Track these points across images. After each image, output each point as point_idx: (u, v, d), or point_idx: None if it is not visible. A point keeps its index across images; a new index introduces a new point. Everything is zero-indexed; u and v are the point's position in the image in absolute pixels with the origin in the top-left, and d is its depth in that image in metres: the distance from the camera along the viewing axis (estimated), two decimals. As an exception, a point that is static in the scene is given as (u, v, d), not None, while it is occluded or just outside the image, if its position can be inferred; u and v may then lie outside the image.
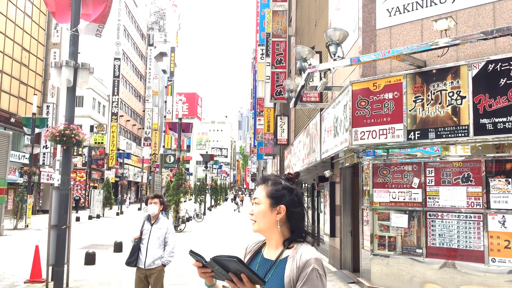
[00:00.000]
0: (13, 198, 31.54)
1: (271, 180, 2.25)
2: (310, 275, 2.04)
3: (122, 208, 43.86)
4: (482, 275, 7.71)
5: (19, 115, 33.39)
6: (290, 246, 2.19)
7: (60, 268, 9.21)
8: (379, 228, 9.11)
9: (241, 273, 1.91)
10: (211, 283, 2.11)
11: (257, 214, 2.19)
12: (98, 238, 19.85)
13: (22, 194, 24.67)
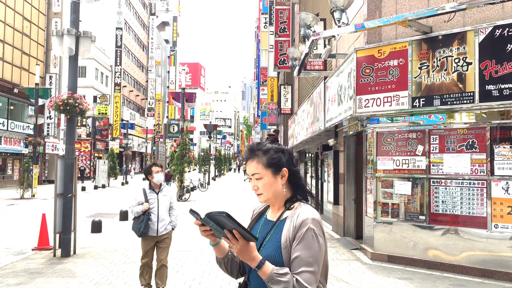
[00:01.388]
0: (19, 169, 31.86)
1: (260, 150, 2.23)
2: (305, 234, 2.05)
3: (127, 178, 44.20)
4: (485, 241, 7.78)
5: (22, 86, 33.33)
6: (291, 207, 2.20)
7: (67, 235, 9.36)
8: (383, 195, 9.15)
9: (233, 229, 1.92)
10: (215, 242, 2.13)
11: (263, 187, 2.18)
12: (104, 207, 20.07)
13: (27, 164, 24.84)
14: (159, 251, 6.49)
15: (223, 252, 2.20)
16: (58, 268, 8.20)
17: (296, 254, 2.04)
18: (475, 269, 7.78)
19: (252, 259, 1.97)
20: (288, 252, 2.08)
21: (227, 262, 2.24)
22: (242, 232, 1.92)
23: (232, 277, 2.31)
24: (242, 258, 1.98)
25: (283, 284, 1.96)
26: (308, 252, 2.04)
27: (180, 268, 8.09)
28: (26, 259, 8.99)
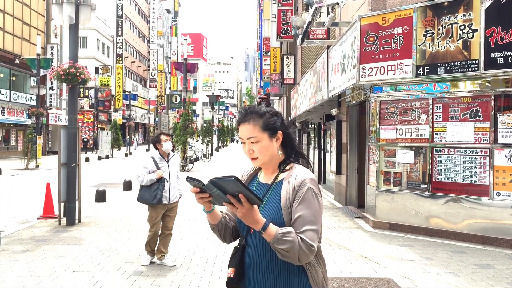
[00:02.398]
0: (23, 140, 31.96)
1: (255, 113, 2.20)
2: (305, 194, 2.08)
3: (130, 150, 44.35)
4: (486, 209, 7.82)
5: (23, 56, 33.12)
6: (286, 169, 2.22)
7: (72, 204, 9.45)
8: (385, 164, 9.17)
9: (239, 193, 1.92)
10: (210, 208, 2.14)
11: (260, 151, 2.17)
12: (108, 177, 20.20)
13: (31, 135, 24.90)
14: (168, 219, 6.54)
15: (216, 219, 2.21)
16: (64, 236, 8.31)
17: (298, 213, 2.07)
18: (476, 236, 7.85)
19: (257, 222, 1.99)
20: (289, 212, 2.10)
21: (221, 228, 2.25)
22: (249, 195, 1.92)
23: (225, 243, 2.33)
24: (246, 221, 1.99)
25: (289, 243, 1.99)
26: (309, 211, 2.07)
27: (184, 236, 8.18)
28: (31, 227, 9.10)
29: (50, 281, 5.71)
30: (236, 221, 2.32)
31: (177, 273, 6.10)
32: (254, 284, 2.16)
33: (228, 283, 2.18)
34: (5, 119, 32.97)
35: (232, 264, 2.19)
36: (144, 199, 6.35)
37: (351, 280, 5.79)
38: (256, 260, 2.16)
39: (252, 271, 2.17)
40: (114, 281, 5.74)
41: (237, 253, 2.20)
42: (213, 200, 2.05)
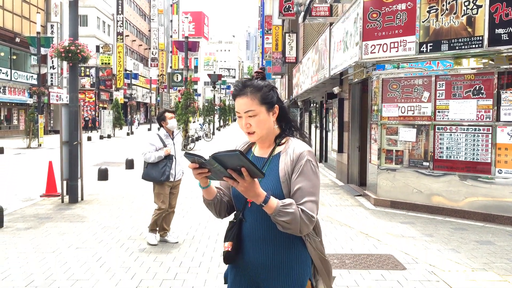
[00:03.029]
0: (24, 119, 31.95)
1: (253, 86, 2.19)
2: (304, 166, 2.11)
3: (132, 129, 44.37)
4: (488, 186, 7.83)
5: (23, 35, 32.92)
6: (281, 143, 2.23)
7: (74, 182, 9.49)
8: (387, 142, 9.15)
9: (241, 167, 1.92)
10: (206, 184, 2.14)
11: (258, 124, 2.16)
12: (110, 156, 20.25)
13: (32, 114, 24.88)
14: (171, 197, 6.55)
15: (212, 194, 2.21)
16: (67, 214, 8.36)
17: (298, 185, 2.09)
18: (477, 213, 7.87)
19: (258, 195, 1.99)
20: (288, 185, 2.12)
21: (217, 203, 2.26)
22: (253, 168, 1.91)
23: (219, 218, 2.33)
24: (247, 195, 1.99)
25: (291, 215, 2.01)
26: (309, 182, 2.09)
27: (186, 214, 8.23)
28: (34, 205, 9.16)
29: (54, 257, 5.76)
30: (230, 196, 2.33)
31: (180, 250, 6.15)
32: (253, 257, 2.18)
33: (226, 257, 2.18)
34: (7, 98, 32.92)
35: (229, 238, 2.20)
36: (152, 176, 6.29)
37: (352, 256, 5.84)
38: (254, 233, 2.17)
39: (250, 244, 2.18)
40: (117, 258, 5.79)
41: (234, 227, 2.21)
42: (212, 175, 2.04)
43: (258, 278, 2.21)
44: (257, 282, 2.24)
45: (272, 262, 2.15)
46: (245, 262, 2.21)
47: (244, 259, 2.20)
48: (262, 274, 2.19)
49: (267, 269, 2.17)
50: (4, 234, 6.93)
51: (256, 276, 2.21)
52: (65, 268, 5.37)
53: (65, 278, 5.04)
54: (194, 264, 5.54)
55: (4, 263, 5.54)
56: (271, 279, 2.17)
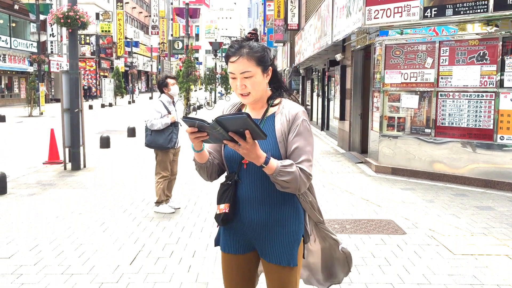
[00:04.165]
0: (25, 87, 31.84)
1: (249, 47, 2.16)
2: (300, 126, 2.15)
3: (133, 97, 44.24)
4: (489, 153, 7.83)
5: (22, 2, 32.48)
6: (274, 104, 2.24)
7: (76, 150, 9.52)
8: (389, 109, 9.11)
9: (244, 130, 1.91)
10: (201, 147, 2.14)
11: (254, 86, 2.15)
12: (112, 124, 20.26)
13: (33, 82, 24.78)
14: (173, 164, 6.52)
15: (205, 158, 2.21)
16: (69, 180, 8.42)
17: (295, 145, 2.13)
18: (478, 180, 7.90)
19: (259, 157, 2.00)
20: (284, 145, 2.15)
21: (209, 167, 2.26)
22: (257, 131, 1.90)
23: (208, 181, 2.33)
24: (248, 157, 2.00)
25: (291, 174, 2.05)
26: (305, 142, 2.14)
27: (188, 180, 8.27)
28: (37, 172, 9.21)
29: (58, 223, 5.82)
30: (221, 159, 2.33)
31: (182, 215, 6.20)
32: (249, 217, 2.21)
33: (223, 219, 2.19)
34: (7, 66, 32.73)
35: (225, 200, 2.20)
36: (158, 143, 6.20)
37: (353, 221, 5.89)
38: (250, 194, 2.19)
39: (246, 204, 2.20)
40: (120, 223, 5.85)
41: (229, 189, 2.21)
42: (210, 138, 2.03)
43: (253, 237, 2.25)
44: (251, 241, 2.28)
45: (268, 221, 2.19)
46: (241, 223, 2.24)
47: (240, 220, 2.23)
48: (258, 233, 2.22)
49: (263, 228, 2.20)
50: (8, 200, 7.00)
51: (251, 236, 2.25)
52: (69, 232, 5.44)
53: (69, 242, 5.10)
54: (196, 229, 5.60)
55: (9, 228, 5.60)
56: (267, 237, 2.21)
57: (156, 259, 4.62)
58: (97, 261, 4.55)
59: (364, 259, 4.61)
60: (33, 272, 4.28)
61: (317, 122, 19.35)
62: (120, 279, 4.14)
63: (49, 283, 4.03)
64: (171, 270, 4.33)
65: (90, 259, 4.60)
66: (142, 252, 4.81)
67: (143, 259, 4.63)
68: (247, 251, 2.31)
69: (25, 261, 4.53)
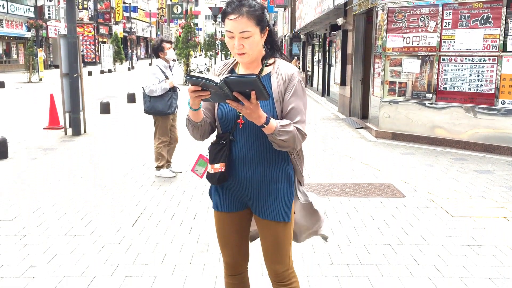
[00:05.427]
0: (24, 53, 31.55)
1: (249, 6, 2.11)
2: (297, 86, 2.18)
3: (133, 63, 43.88)
4: (490, 118, 7.81)
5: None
6: (268, 64, 2.24)
7: (77, 115, 9.50)
8: (390, 74, 9.04)
9: (251, 90, 1.90)
10: (198, 106, 2.12)
11: (252, 46, 2.13)
12: (112, 90, 20.16)
13: (31, 48, 24.54)
14: (173, 129, 6.51)
15: (200, 117, 2.20)
16: (70, 145, 8.44)
17: (291, 105, 2.16)
18: (477, 144, 7.91)
19: (260, 117, 2.01)
20: (280, 105, 2.17)
21: (203, 125, 2.25)
22: (263, 92, 1.90)
23: (200, 140, 2.33)
24: (250, 117, 2.00)
25: (290, 134, 2.08)
26: (300, 102, 2.18)
27: (189, 145, 8.28)
28: (38, 137, 9.23)
29: (59, 186, 5.86)
30: (212, 118, 2.31)
31: (182, 180, 6.24)
32: (244, 176, 2.23)
33: (220, 178, 2.20)
34: (4, 31, 32.32)
35: (220, 159, 2.21)
36: (158, 109, 6.14)
37: (353, 185, 5.93)
38: (245, 153, 2.20)
39: (241, 164, 2.22)
40: (122, 186, 5.89)
41: (223, 148, 2.22)
42: (212, 97, 2.01)
43: (247, 195, 2.27)
44: (244, 199, 2.31)
45: (262, 179, 2.22)
46: (235, 181, 2.25)
47: (235, 178, 2.24)
48: (252, 191, 2.25)
49: (257, 186, 2.23)
50: (9, 164, 7.03)
51: (244, 194, 2.28)
52: (71, 196, 5.48)
53: (71, 205, 5.15)
54: (197, 193, 5.64)
55: (11, 192, 5.65)
56: (262, 195, 2.24)
57: (158, 221, 4.68)
58: (99, 223, 4.60)
59: (363, 221, 4.66)
60: (36, 233, 4.33)
61: (318, 88, 19.25)
62: (122, 240, 4.20)
63: (52, 244, 4.09)
64: (173, 232, 4.39)
65: (92, 221, 4.66)
66: (143, 215, 4.86)
67: (145, 221, 4.68)
68: (240, 209, 2.35)
69: (28, 223, 4.58)
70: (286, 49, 27.72)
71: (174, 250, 3.98)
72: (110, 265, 3.69)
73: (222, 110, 2.24)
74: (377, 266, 3.66)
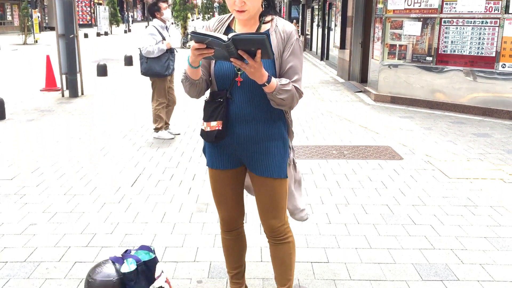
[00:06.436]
0: (18, 14, 31.03)
1: None
2: (295, 44, 2.17)
3: (129, 26, 43.25)
4: (490, 82, 7.77)
5: None
6: (266, 21, 2.21)
7: (73, 76, 9.42)
8: (391, 37, 8.94)
9: (256, 49, 1.88)
10: (198, 64, 2.09)
11: (253, 3, 2.09)
12: (108, 53, 19.94)
13: (26, 9, 24.10)
14: (171, 91, 6.45)
15: (199, 74, 2.18)
16: (68, 107, 8.40)
17: (290, 64, 2.16)
18: (476, 108, 7.90)
19: (262, 75, 2.00)
20: (279, 63, 2.16)
21: (200, 83, 2.23)
22: (269, 51, 1.87)
23: (195, 98, 2.31)
24: (253, 76, 1.99)
25: (289, 92, 2.10)
26: (298, 60, 2.19)
27: (187, 108, 8.25)
28: (35, 99, 9.18)
29: (58, 147, 5.87)
30: (208, 75, 2.28)
31: (181, 141, 6.25)
32: (240, 134, 2.23)
33: (217, 136, 2.20)
34: (-3, -8, 31.72)
35: (217, 117, 2.19)
36: (155, 71, 6.06)
37: (351, 147, 5.94)
38: (242, 111, 2.20)
39: (238, 122, 2.21)
40: (120, 148, 5.90)
41: (220, 106, 2.20)
42: (215, 55, 1.98)
43: (242, 153, 2.28)
44: (239, 157, 2.31)
45: (258, 136, 2.23)
46: (232, 139, 2.25)
47: (232, 136, 2.24)
48: (248, 148, 2.25)
49: (253, 143, 2.24)
50: (7, 125, 7.01)
51: (240, 151, 2.28)
52: (70, 156, 5.49)
53: (70, 165, 5.16)
54: (195, 154, 5.65)
55: (9, 152, 5.65)
56: (258, 152, 2.25)
57: (157, 181, 4.70)
58: (98, 183, 4.63)
59: (361, 182, 4.69)
60: (35, 192, 4.36)
61: (317, 51, 19.05)
62: (122, 199, 4.23)
63: (52, 203, 4.12)
64: (172, 192, 4.42)
65: (92, 181, 4.68)
66: (142, 175, 4.88)
67: (144, 181, 4.70)
68: (235, 167, 2.36)
69: (27, 183, 4.61)
70: (285, 12, 27.32)
71: (173, 209, 4.02)
72: (110, 223, 3.72)
73: (219, 68, 2.21)
74: (374, 225, 3.71)
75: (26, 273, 2.99)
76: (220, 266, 3.07)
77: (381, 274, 3.00)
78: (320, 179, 4.78)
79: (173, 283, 2.84)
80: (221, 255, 3.14)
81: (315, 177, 4.83)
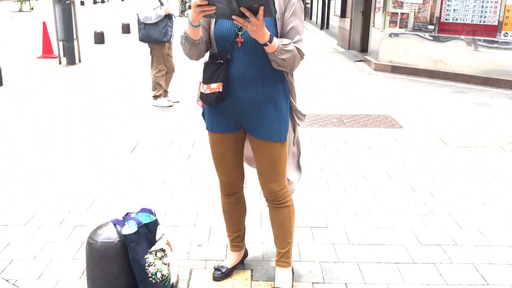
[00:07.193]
0: (13, -20, 30.45)
1: None
2: (296, 5, 2.15)
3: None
4: (492, 51, 7.70)
5: None
6: None
7: (70, 43, 9.30)
8: (393, 4, 8.81)
9: (259, 6, 1.83)
10: (198, 23, 2.05)
11: None
12: (105, 21, 19.67)
13: (21, -25, 23.68)
14: (169, 59, 6.37)
15: (199, 34, 2.13)
16: (65, 74, 8.33)
17: (291, 24, 2.14)
18: (477, 77, 7.85)
19: (264, 34, 1.96)
20: (281, 23, 2.14)
21: (201, 44, 2.19)
22: (271, 8, 1.83)
23: (195, 60, 2.27)
24: (255, 34, 1.95)
25: (291, 53, 2.07)
26: (299, 21, 2.17)
27: (184, 75, 8.18)
28: (32, 66, 9.08)
29: (57, 113, 5.83)
30: (207, 37, 2.24)
31: (180, 109, 6.22)
32: (241, 96, 2.20)
33: (217, 98, 2.17)
34: (-8, -42, 31.03)
35: (217, 79, 2.16)
36: (153, 37, 5.99)
37: (351, 116, 5.92)
38: (243, 73, 2.16)
39: (238, 83, 2.18)
40: (119, 115, 5.87)
41: (220, 68, 2.17)
42: (216, 13, 1.94)
43: (242, 116, 2.25)
44: (238, 120, 2.29)
45: (259, 98, 2.20)
46: (232, 102, 2.22)
47: (232, 99, 2.21)
48: (248, 111, 2.23)
49: (254, 106, 2.21)
50: (5, 92, 6.96)
51: (239, 114, 2.25)
52: (68, 123, 5.47)
53: (69, 130, 5.15)
54: (194, 121, 5.63)
55: (6, 119, 5.62)
56: (258, 115, 2.22)
57: (156, 148, 4.69)
58: (97, 149, 4.62)
59: (360, 150, 4.68)
60: (35, 157, 4.35)
61: (317, 21, 18.81)
62: (121, 165, 4.22)
63: (52, 168, 4.11)
64: (171, 159, 4.41)
65: (90, 147, 4.67)
66: (141, 142, 4.87)
67: (143, 148, 4.69)
68: (235, 130, 2.34)
69: (26, 149, 4.59)
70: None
71: (173, 175, 4.02)
72: (110, 189, 3.73)
73: (219, 29, 2.16)
74: (373, 191, 3.72)
75: (27, 236, 3.01)
76: (220, 230, 3.09)
77: (380, 239, 3.02)
78: (320, 147, 4.77)
79: (173, 246, 2.86)
80: (221, 220, 3.16)
81: (314, 144, 4.82)
